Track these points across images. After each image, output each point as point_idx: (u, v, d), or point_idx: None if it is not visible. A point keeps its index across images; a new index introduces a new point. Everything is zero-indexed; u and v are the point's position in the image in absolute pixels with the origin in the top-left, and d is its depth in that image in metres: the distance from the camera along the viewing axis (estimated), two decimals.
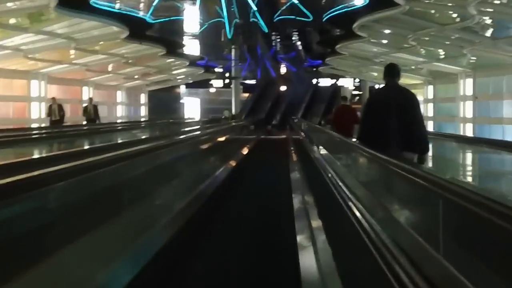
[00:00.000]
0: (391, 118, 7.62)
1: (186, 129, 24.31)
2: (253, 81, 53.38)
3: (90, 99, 26.90)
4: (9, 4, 18.84)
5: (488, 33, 20.46)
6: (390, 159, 6.17)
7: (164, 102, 47.84)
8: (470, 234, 3.68)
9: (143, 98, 44.07)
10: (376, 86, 41.03)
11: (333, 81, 50.97)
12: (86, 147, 14.13)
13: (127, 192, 6.60)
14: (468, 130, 26.46)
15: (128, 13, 24.85)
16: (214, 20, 25.71)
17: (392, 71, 7.83)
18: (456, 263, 3.52)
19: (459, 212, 3.73)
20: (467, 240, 3.74)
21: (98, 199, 5.52)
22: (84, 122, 25.09)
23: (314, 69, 48.06)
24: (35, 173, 4.34)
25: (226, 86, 52.85)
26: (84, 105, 26.70)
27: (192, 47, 36.83)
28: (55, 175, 4.49)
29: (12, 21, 21.26)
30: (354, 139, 9.99)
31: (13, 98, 27.46)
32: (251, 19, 27.10)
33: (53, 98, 24.03)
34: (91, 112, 25.18)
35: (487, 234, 3.32)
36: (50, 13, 19.99)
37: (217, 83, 53.00)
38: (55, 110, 23.58)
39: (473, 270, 3.40)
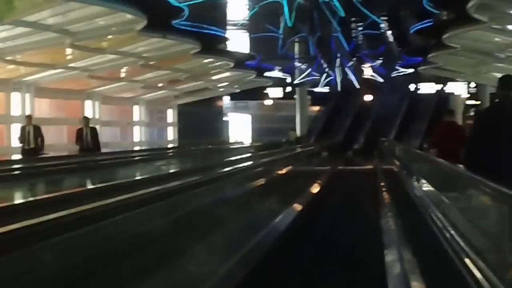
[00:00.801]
0: (504, 140, 8.58)
1: (231, 158, 23.86)
2: (326, 89, 52.74)
3: (86, 119, 24.32)
4: None
5: None
6: None
7: (200, 120, 47.59)
8: None
9: (171, 115, 43.79)
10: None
11: (439, 86, 49.93)
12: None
13: (132, 257, 6.69)
14: None
15: None
16: (268, 0, 24.90)
17: (508, 83, 8.61)
18: None
19: None
20: None
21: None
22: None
23: (412, 70, 47.28)
24: None
25: (288, 96, 52.28)
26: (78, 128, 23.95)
27: (239, 42, 36.13)
28: None
29: None
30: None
31: None
32: None
33: (28, 117, 23.08)
34: (88, 138, 23.21)
35: None
36: None
37: (275, 92, 52.39)
38: (30, 133, 22.42)
39: None
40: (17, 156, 23.50)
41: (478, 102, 48.09)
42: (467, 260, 6.02)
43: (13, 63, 24.62)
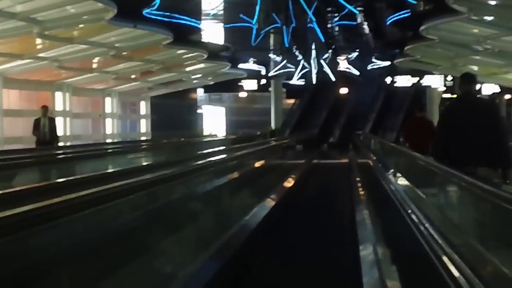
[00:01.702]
0: (469, 131, 9.50)
1: (205, 151, 23.58)
2: (301, 82, 52.44)
3: (44, 109, 22.91)
4: None
5: None
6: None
7: (173, 113, 47.16)
8: None
9: (144, 107, 43.27)
10: (478, 87, 40.23)
11: (416, 79, 49.75)
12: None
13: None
14: None
15: None
16: None
17: (469, 80, 9.80)
18: None
19: None
20: None
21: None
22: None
23: (388, 62, 47.11)
24: None
25: (263, 89, 51.86)
26: (35, 117, 23.09)
27: (212, 32, 35.70)
28: None
29: None
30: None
31: None
32: None
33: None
34: (45, 129, 22.26)
35: None
36: None
37: (250, 84, 51.94)
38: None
39: None
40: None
41: (455, 96, 47.94)
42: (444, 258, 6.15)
43: None
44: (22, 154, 16.66)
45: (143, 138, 40.79)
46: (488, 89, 43.22)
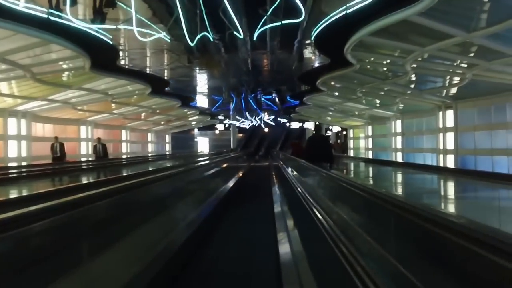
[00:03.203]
0: (319, 148, 11.42)
1: (199, 159, 23.52)
2: (246, 125, 51.90)
3: (99, 139, 21.40)
4: None
5: (413, 86, 18.62)
6: (318, 167, 9.51)
7: (182, 140, 46.15)
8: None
9: (168, 138, 42.10)
10: (325, 127, 40.33)
11: (300, 124, 49.39)
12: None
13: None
14: (398, 157, 26.11)
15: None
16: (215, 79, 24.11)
17: (318, 127, 16.82)
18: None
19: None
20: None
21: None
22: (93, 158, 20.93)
23: (287, 116, 46.70)
24: None
25: (227, 129, 51.40)
26: (94, 144, 21.57)
27: (202, 100, 34.81)
28: None
29: None
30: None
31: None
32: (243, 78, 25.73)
33: (55, 137, 19.29)
34: (100, 150, 20.73)
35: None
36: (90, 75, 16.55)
37: (220, 127, 51.55)
38: (57, 147, 18.78)
39: None
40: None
41: (314, 132, 47.85)
42: (300, 190, 8.94)
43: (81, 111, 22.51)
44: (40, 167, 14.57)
45: (167, 152, 39.54)
46: (335, 128, 42.83)
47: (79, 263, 3.75)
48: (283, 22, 11.82)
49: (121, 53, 16.42)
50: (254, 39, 12.91)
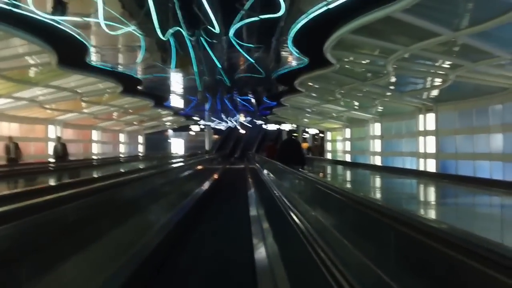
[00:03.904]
0: (290, 151, 11.91)
1: (173, 161, 22.74)
2: (221, 127, 51.66)
3: (58, 138, 19.93)
4: None
5: (393, 88, 18.60)
6: (293, 170, 9.44)
7: (156, 141, 45.45)
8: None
9: (141, 139, 41.38)
10: (304, 129, 40.34)
11: (277, 125, 49.36)
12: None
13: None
14: (377, 161, 25.74)
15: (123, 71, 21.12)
16: (190, 77, 23.66)
17: (291, 131, 16.66)
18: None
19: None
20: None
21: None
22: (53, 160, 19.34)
23: (264, 117, 46.65)
24: None
25: (202, 130, 51.05)
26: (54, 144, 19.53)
27: (176, 101, 34.32)
28: None
29: None
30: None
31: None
32: (217, 78, 25.36)
33: (10, 137, 17.82)
34: (58, 149, 18.95)
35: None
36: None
37: (195, 128, 51.02)
38: (11, 148, 17.57)
39: None
40: None
41: (296, 134, 47.65)
42: (275, 192, 8.94)
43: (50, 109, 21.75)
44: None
45: (139, 154, 38.88)
46: (312, 131, 42.87)
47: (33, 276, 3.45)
48: (261, 16, 11.62)
49: (91, 49, 15.93)
50: (231, 35, 12.68)
